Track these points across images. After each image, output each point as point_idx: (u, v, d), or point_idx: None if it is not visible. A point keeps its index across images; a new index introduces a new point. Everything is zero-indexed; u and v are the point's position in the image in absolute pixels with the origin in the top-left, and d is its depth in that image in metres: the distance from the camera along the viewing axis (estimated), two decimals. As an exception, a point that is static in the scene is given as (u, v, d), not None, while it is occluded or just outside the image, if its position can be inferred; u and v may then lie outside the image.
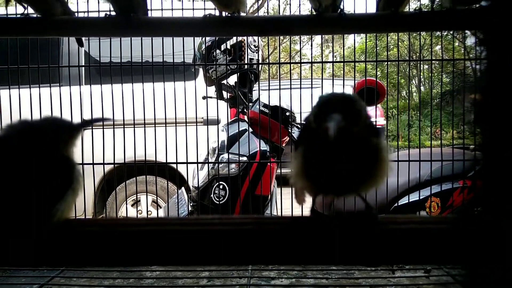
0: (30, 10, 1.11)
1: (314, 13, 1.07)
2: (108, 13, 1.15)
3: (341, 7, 1.07)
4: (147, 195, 3.07)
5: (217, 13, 1.13)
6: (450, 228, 0.52)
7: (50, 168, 0.62)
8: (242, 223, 0.54)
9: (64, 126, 0.68)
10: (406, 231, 0.53)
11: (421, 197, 2.18)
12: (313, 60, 2.09)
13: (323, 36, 2.80)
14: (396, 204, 2.18)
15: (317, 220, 0.55)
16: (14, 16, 1.22)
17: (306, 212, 0.64)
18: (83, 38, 1.47)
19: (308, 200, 0.65)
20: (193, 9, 2.30)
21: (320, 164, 0.59)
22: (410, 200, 2.15)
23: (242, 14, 1.09)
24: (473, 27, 1.17)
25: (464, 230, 0.51)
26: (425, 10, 1.07)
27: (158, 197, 3.19)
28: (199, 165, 2.47)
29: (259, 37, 2.63)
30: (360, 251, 0.52)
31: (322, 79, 2.11)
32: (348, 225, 0.54)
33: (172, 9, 1.98)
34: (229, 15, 1.08)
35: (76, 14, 2.01)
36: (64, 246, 0.56)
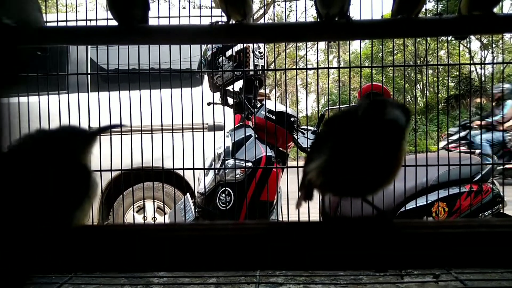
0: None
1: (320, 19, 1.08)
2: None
3: (348, 14, 1.08)
4: (154, 201, 3.08)
5: (224, 19, 1.14)
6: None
7: (69, 177, 0.63)
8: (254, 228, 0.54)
9: (81, 134, 0.69)
10: (422, 235, 0.53)
11: (428, 202, 2.17)
12: (318, 66, 2.09)
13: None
14: (403, 209, 2.17)
15: (333, 224, 0.55)
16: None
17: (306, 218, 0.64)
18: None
19: (306, 205, 0.65)
20: (189, 16, 2.31)
21: (355, 159, 0.59)
22: (417, 205, 2.14)
23: (248, 20, 1.10)
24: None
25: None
26: (434, 15, 1.07)
27: (164, 204, 3.20)
28: (205, 171, 2.48)
29: (264, 44, 2.64)
30: (375, 255, 0.52)
31: (328, 84, 2.12)
32: (363, 229, 0.53)
33: (169, 17, 1.98)
34: (236, 22, 1.09)
35: (85, 22, 2.05)
36: (82, 251, 0.57)
